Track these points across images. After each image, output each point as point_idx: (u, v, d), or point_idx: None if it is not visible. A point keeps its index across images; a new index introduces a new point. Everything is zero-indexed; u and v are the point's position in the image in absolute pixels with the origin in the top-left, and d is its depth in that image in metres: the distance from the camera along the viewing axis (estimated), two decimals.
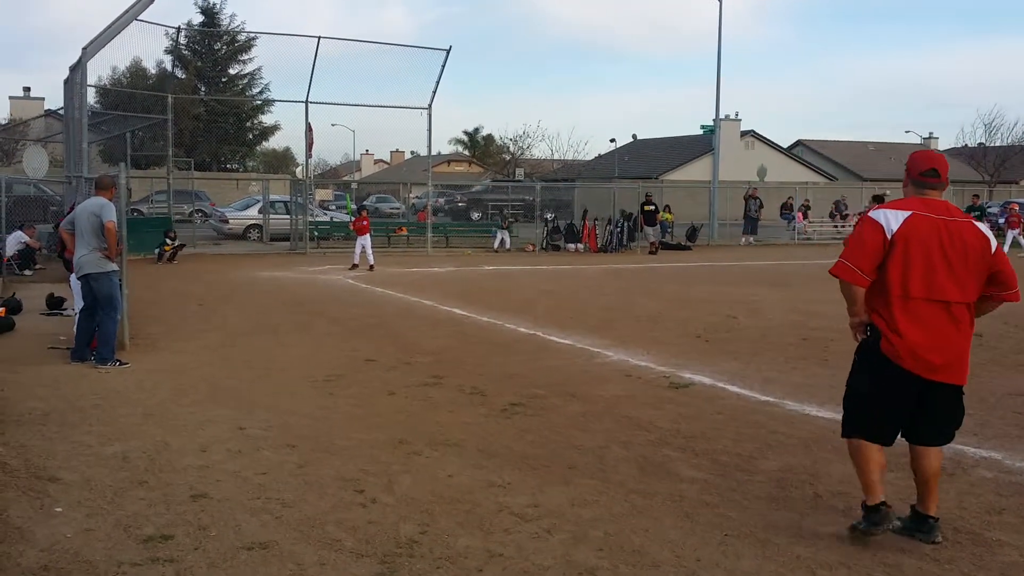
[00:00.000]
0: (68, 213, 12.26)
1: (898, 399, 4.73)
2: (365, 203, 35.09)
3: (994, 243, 4.75)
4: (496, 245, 28.67)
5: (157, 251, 22.10)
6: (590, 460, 6.25)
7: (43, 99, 51.45)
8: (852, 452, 4.92)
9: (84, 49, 16.25)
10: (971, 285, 4.67)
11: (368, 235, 21.57)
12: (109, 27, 16.74)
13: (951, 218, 4.69)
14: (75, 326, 9.95)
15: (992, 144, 58.37)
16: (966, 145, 62.80)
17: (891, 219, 4.65)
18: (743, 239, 33.40)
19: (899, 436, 4.92)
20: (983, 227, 4.74)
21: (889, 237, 4.62)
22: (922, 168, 4.80)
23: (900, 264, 4.61)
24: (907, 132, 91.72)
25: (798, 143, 69.87)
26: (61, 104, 25.83)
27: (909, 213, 4.65)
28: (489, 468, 6.05)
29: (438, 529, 4.94)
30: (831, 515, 5.20)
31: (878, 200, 16.56)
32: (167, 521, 5.00)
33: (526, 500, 5.42)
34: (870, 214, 4.77)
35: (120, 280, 9.82)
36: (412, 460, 6.22)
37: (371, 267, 21.09)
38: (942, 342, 4.63)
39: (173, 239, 22.63)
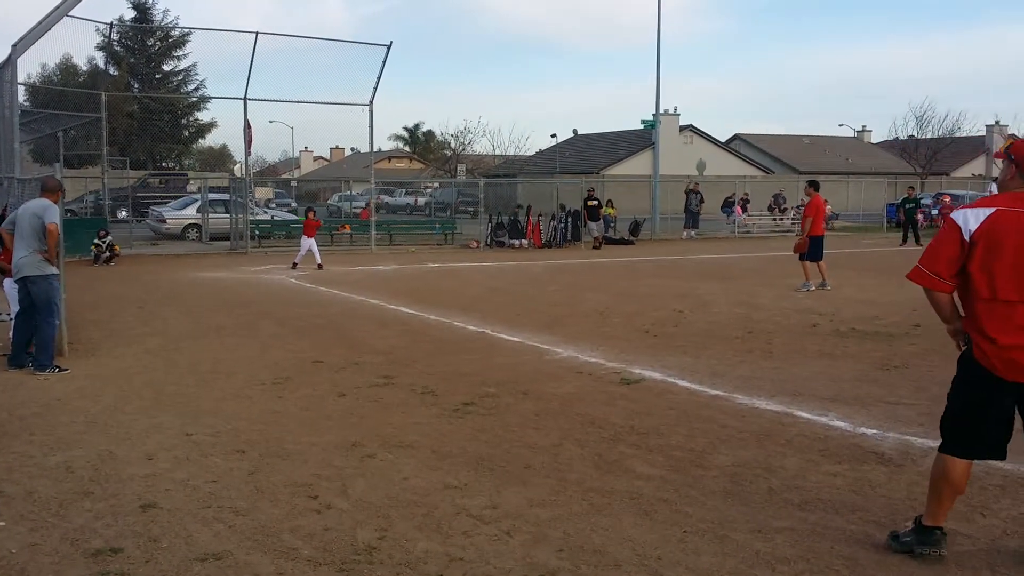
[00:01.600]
0: (2, 213, 11.94)
1: (996, 409, 4.38)
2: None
3: None
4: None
5: (93, 252, 21.59)
6: (546, 459, 6.23)
7: None
8: (935, 470, 4.59)
9: (14, 46, 15.83)
10: None
11: (313, 236, 21.40)
12: (40, 23, 16.33)
13: None
14: (11, 331, 9.65)
15: (924, 136, 59.72)
16: (897, 138, 64.23)
17: (970, 218, 4.34)
18: (684, 233, 33.75)
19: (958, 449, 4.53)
20: None
21: (967, 238, 4.32)
22: None
23: (984, 265, 4.30)
24: (840, 125, 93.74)
25: (735, 137, 70.90)
26: None
27: (993, 210, 4.32)
28: (444, 469, 6.00)
29: (396, 534, 4.88)
30: (787, 509, 5.24)
31: (814, 186, 16.67)
32: (116, 533, 4.86)
33: (484, 501, 5.38)
34: (951, 215, 4.46)
35: (58, 284, 9.56)
36: (366, 463, 6.15)
37: (319, 266, 20.87)
38: None
39: (103, 237, 21.93)
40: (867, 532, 4.90)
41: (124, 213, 30.93)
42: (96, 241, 21.72)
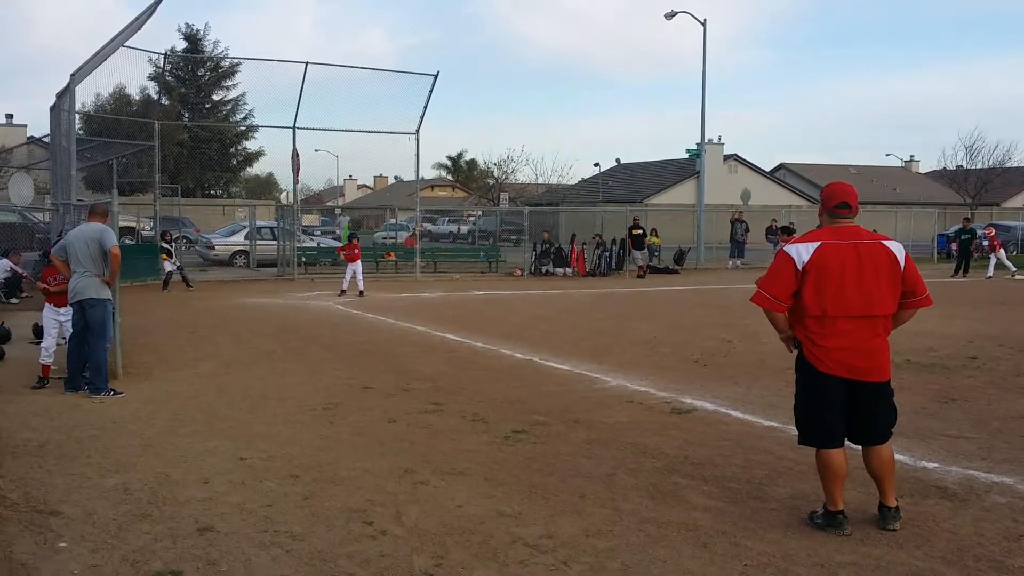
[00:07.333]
0: (57, 240, 12.14)
1: (832, 400, 5.32)
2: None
3: (902, 258, 5.31)
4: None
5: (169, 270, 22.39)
6: (599, 488, 6.17)
7: (25, 126, 51.11)
8: (817, 465, 5.47)
9: (72, 75, 16.14)
10: (886, 298, 5.28)
11: (359, 262, 21.53)
12: (97, 53, 16.69)
13: (861, 241, 5.30)
14: (67, 354, 9.77)
15: (973, 167, 58.77)
16: (946, 168, 63.30)
17: (802, 252, 5.27)
18: (730, 262, 33.49)
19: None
20: (892, 245, 5.34)
21: (801, 268, 5.25)
22: (836, 202, 5.40)
23: (814, 289, 5.23)
24: (888, 155, 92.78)
25: (780, 167, 70.37)
26: (43, 131, 25.71)
27: (818, 244, 5.26)
28: (498, 497, 5.97)
29: (452, 561, 4.85)
30: (849, 543, 5.13)
31: (787, 232, 16.83)
32: (175, 556, 4.88)
33: (539, 530, 5.33)
34: (784, 248, 5.39)
35: (113, 308, 9.69)
36: (419, 489, 6.13)
37: (361, 293, 21.01)
38: (862, 347, 5.26)
39: (170, 241, 22.93)
40: (933, 568, 4.78)
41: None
42: (163, 246, 22.93)
